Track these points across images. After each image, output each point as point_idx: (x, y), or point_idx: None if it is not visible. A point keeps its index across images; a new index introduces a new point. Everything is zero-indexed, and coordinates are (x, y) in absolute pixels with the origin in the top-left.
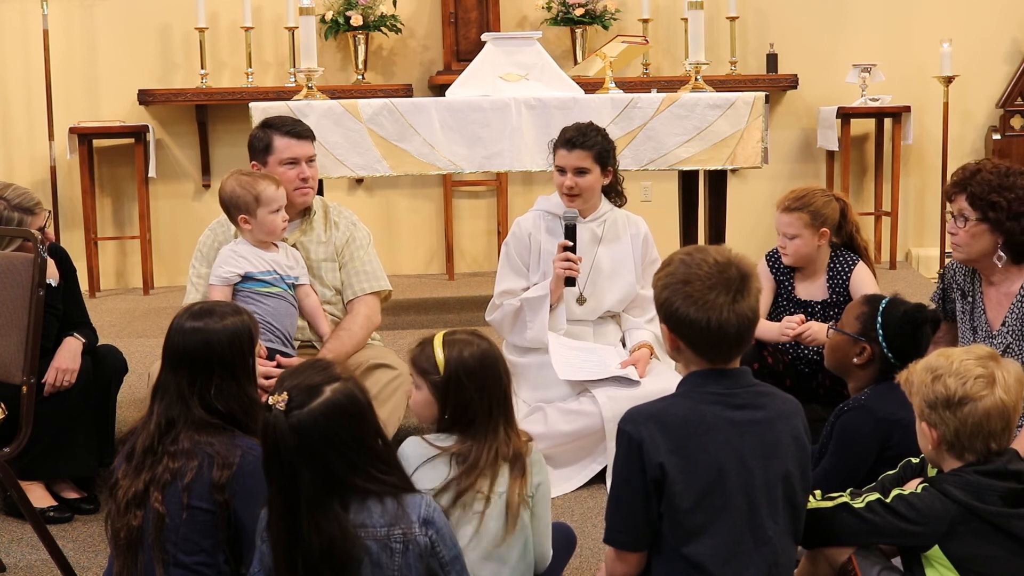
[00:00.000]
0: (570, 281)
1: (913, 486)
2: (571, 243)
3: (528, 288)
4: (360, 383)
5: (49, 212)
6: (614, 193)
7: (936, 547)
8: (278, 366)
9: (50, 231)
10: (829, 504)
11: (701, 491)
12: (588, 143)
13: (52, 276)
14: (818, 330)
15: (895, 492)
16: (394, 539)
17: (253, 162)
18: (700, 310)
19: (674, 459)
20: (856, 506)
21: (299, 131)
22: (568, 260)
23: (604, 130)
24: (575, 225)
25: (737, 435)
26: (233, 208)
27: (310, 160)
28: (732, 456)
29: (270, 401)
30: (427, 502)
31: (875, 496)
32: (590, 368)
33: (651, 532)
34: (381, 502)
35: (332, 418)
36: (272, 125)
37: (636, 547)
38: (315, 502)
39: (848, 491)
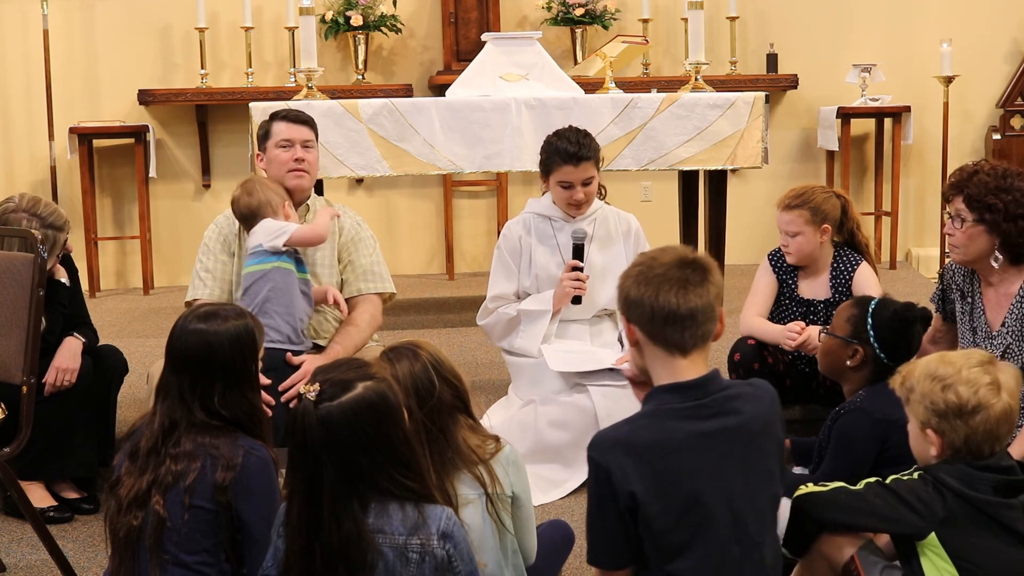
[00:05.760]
0: (577, 299)
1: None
2: (581, 263)
3: (518, 292)
4: (395, 386)
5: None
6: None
7: (933, 536)
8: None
9: (71, 244)
10: (825, 489)
11: (679, 511)
12: (589, 152)
13: (61, 275)
14: (817, 336)
15: (892, 477)
16: (412, 549)
17: (258, 152)
18: (649, 286)
19: (645, 484)
20: (854, 489)
21: (295, 116)
22: (577, 279)
23: (589, 131)
24: (583, 244)
25: (712, 446)
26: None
27: (306, 143)
28: (709, 470)
29: (301, 390)
30: (448, 515)
31: (873, 479)
32: (583, 360)
33: (632, 551)
34: (402, 508)
35: (360, 414)
36: (273, 114)
37: (618, 567)
38: (337, 496)
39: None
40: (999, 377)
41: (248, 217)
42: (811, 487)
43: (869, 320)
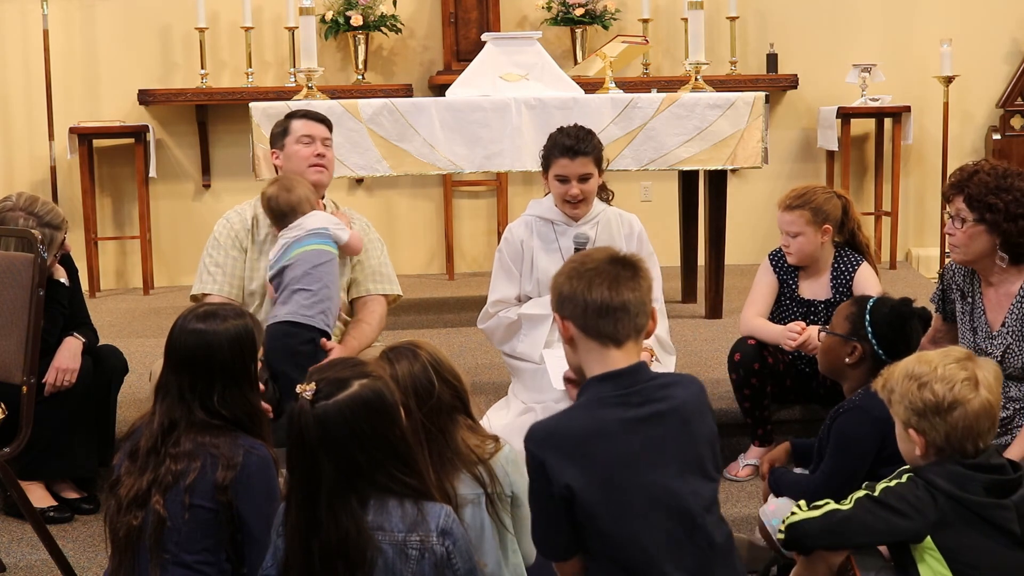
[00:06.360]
0: None
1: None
2: None
3: (520, 295)
4: (391, 384)
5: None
6: (601, 189)
7: (928, 538)
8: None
9: (69, 243)
10: (816, 513)
11: (614, 498)
12: (588, 148)
13: (61, 275)
14: (817, 336)
15: (882, 484)
16: (411, 545)
17: (272, 150)
18: (581, 280)
19: (579, 476)
20: (844, 508)
21: (315, 115)
22: None
23: (592, 131)
24: (585, 248)
25: (643, 431)
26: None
27: (325, 141)
28: (641, 455)
29: (298, 389)
30: (446, 512)
31: (863, 493)
32: None
33: (573, 541)
34: (401, 505)
35: (357, 412)
36: (292, 113)
37: (562, 556)
38: (335, 494)
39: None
40: (977, 373)
41: (287, 213)
42: (803, 510)
43: (867, 317)
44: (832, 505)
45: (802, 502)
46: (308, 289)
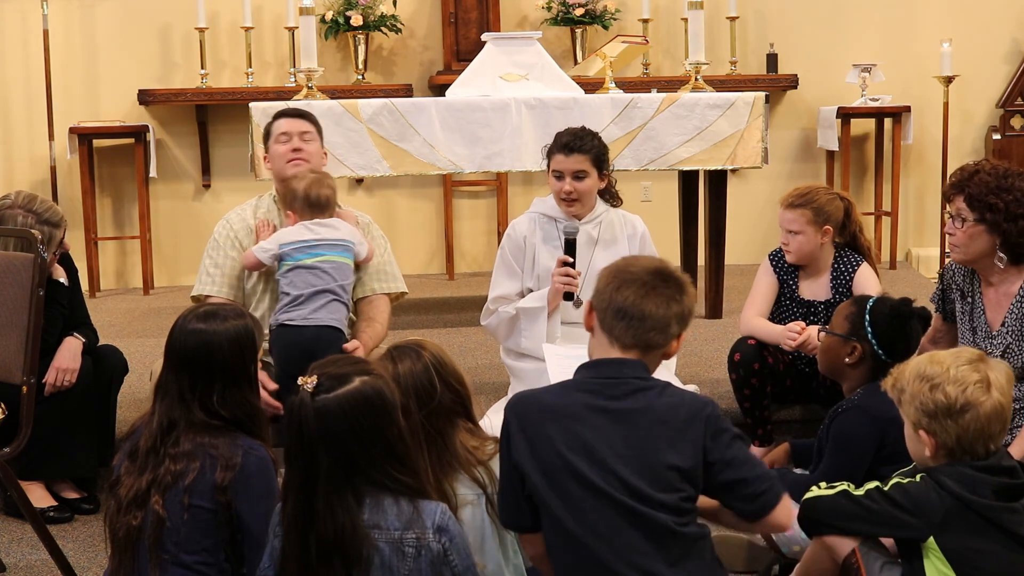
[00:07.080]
0: (568, 296)
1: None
2: (571, 259)
3: (521, 292)
4: (391, 382)
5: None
6: (609, 196)
7: (932, 539)
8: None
9: (68, 241)
10: (831, 492)
11: (559, 485)
12: (585, 147)
13: (60, 275)
14: (817, 336)
15: (893, 479)
16: (407, 543)
17: (264, 154)
18: (616, 278)
19: (528, 456)
20: (855, 493)
21: (292, 111)
22: (567, 275)
23: (598, 134)
24: (575, 239)
25: (609, 422)
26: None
27: (303, 135)
28: (598, 443)
29: (300, 381)
30: (443, 510)
31: (874, 484)
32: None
33: (531, 514)
34: (396, 503)
35: (357, 407)
36: (275, 114)
37: (522, 529)
38: (331, 487)
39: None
40: (989, 375)
41: (324, 206)
42: (821, 488)
43: (867, 317)
44: (845, 486)
45: (822, 483)
46: (345, 304)
